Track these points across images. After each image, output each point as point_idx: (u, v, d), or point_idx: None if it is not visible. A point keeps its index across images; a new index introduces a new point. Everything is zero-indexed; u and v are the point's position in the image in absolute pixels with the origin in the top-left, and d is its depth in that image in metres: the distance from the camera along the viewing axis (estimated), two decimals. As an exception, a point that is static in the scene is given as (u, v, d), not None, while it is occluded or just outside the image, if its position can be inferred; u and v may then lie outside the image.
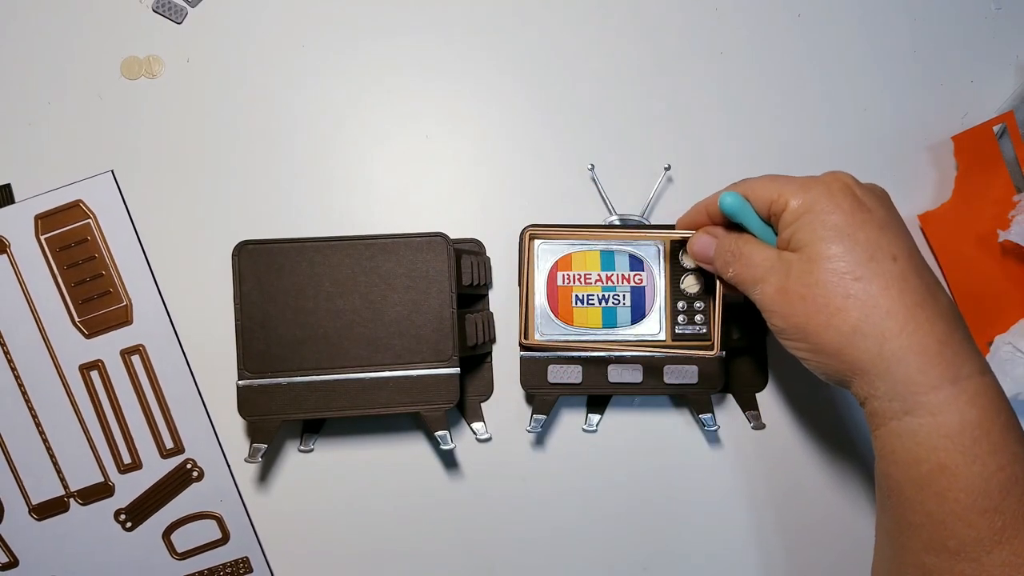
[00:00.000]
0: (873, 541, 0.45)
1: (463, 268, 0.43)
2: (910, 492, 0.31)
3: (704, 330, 0.43)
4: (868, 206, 0.33)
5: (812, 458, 0.45)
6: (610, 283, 0.43)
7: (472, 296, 0.45)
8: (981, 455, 0.29)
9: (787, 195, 0.34)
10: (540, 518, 0.45)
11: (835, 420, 0.46)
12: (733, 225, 0.37)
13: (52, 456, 0.44)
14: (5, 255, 0.44)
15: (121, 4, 0.47)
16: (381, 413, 0.41)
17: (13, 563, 0.44)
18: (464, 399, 0.45)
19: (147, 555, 0.44)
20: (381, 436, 0.45)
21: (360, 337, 0.41)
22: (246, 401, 0.41)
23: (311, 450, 0.45)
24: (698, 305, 0.43)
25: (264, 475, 0.45)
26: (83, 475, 0.44)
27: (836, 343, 0.32)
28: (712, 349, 0.40)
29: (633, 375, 0.42)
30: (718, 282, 0.39)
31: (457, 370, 0.41)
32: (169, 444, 0.44)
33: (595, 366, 0.42)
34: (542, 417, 0.43)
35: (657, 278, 0.43)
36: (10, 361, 0.44)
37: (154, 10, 0.47)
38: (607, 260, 0.43)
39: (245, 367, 0.41)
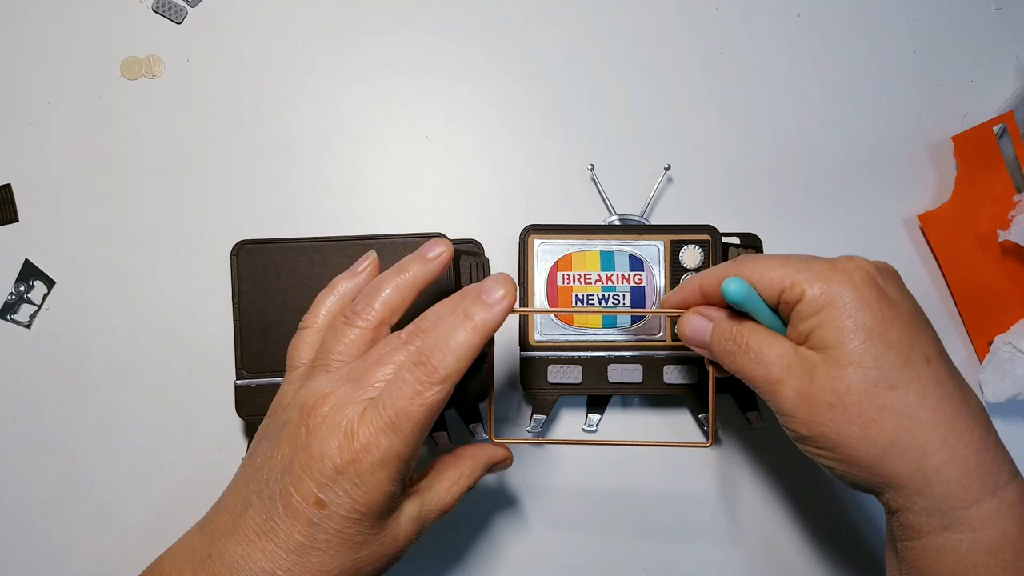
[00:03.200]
0: (872, 542, 0.45)
1: (462, 269, 0.42)
2: None
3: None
4: (893, 299, 0.30)
5: (812, 459, 0.45)
6: (610, 283, 0.43)
7: (471, 296, 0.45)
8: (1022, 569, 0.28)
9: (802, 283, 0.30)
10: (539, 518, 0.45)
11: (835, 421, 0.46)
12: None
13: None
14: None
15: (121, 4, 0.47)
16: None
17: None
18: (463, 400, 0.45)
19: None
20: (380, 436, 0.45)
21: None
22: (244, 401, 0.41)
23: (310, 450, 0.45)
24: (698, 305, 0.43)
25: (263, 475, 0.45)
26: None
27: (871, 457, 0.29)
28: (707, 440, 0.38)
29: (633, 375, 0.42)
30: (711, 369, 0.36)
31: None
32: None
33: (595, 366, 0.42)
34: (542, 417, 0.43)
35: (657, 278, 0.43)
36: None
37: (154, 10, 0.47)
38: (607, 260, 0.43)
39: (243, 367, 0.41)
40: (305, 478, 0.30)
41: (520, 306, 0.43)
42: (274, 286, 0.41)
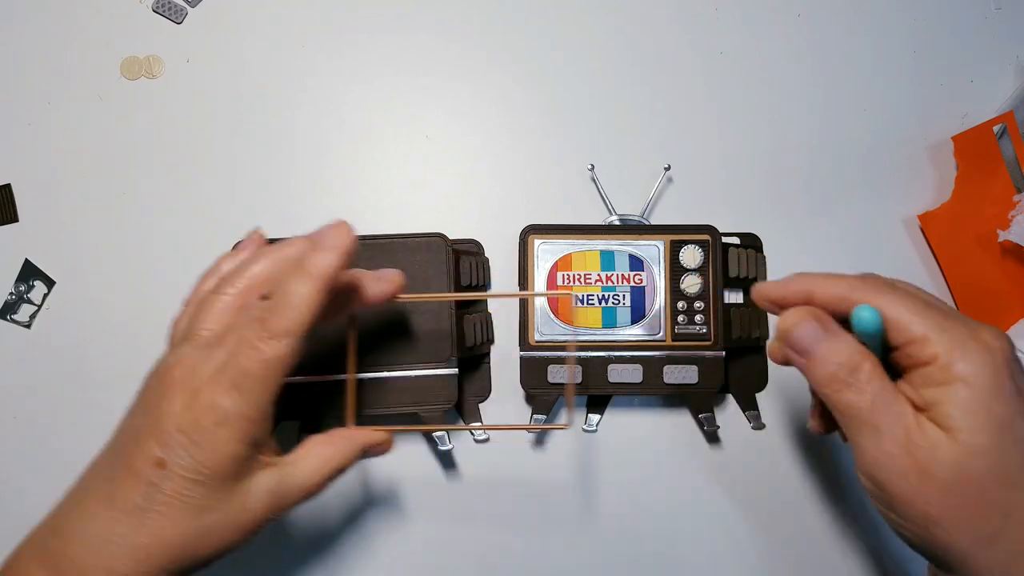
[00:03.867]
0: (874, 542, 0.45)
1: (462, 269, 0.42)
2: None
3: (704, 330, 0.43)
4: (1021, 387, 0.29)
5: (812, 459, 0.45)
6: (610, 283, 0.43)
7: (471, 296, 0.45)
8: None
9: (936, 345, 0.28)
10: (539, 518, 0.45)
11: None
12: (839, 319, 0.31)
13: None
14: None
15: (121, 4, 0.47)
16: (379, 414, 0.41)
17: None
18: (462, 400, 0.45)
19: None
20: (380, 436, 0.45)
21: (358, 338, 0.41)
22: (245, 401, 0.41)
23: (310, 450, 0.45)
24: (698, 305, 0.43)
25: (263, 475, 0.45)
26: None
27: (964, 546, 0.28)
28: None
29: (633, 375, 0.42)
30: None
31: (455, 371, 0.41)
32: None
33: (595, 366, 0.42)
34: (542, 417, 0.43)
35: (657, 278, 0.43)
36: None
37: (154, 10, 0.47)
38: (607, 260, 0.43)
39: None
40: (149, 439, 0.29)
41: (527, 309, 0.43)
42: (274, 286, 0.41)
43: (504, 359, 0.45)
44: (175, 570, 0.30)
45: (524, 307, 0.43)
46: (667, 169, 0.46)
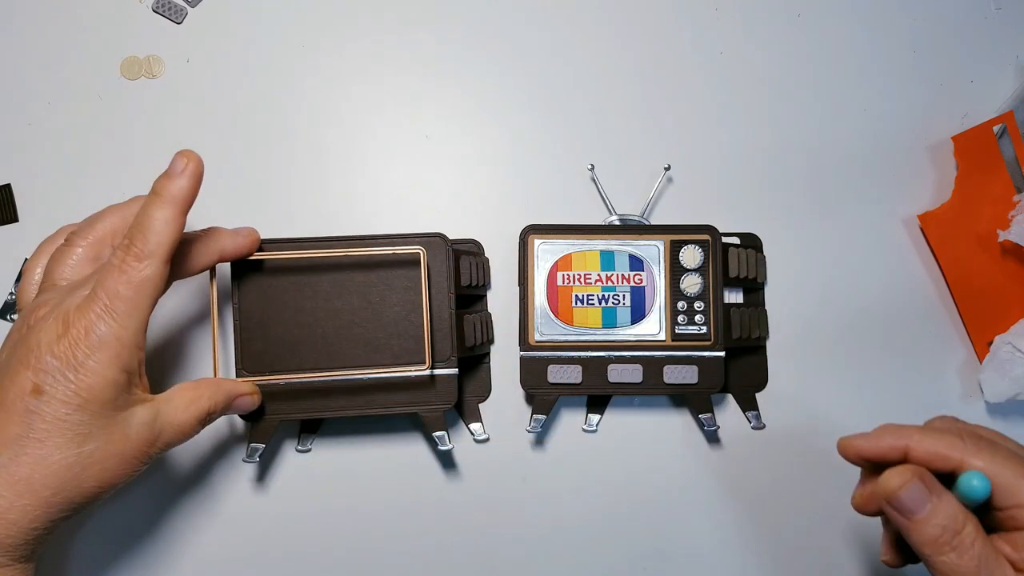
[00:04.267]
0: (874, 541, 0.45)
1: (462, 269, 0.42)
2: None
3: (704, 330, 0.43)
4: None
5: (812, 459, 0.45)
6: (610, 283, 0.43)
7: (470, 297, 0.45)
8: None
9: None
10: (540, 518, 0.45)
11: (835, 420, 0.46)
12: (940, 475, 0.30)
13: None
14: None
15: (121, 4, 0.47)
16: (379, 414, 0.41)
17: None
18: (462, 400, 0.45)
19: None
20: (379, 437, 0.45)
21: (358, 337, 0.41)
22: (244, 401, 0.41)
23: (309, 450, 0.45)
24: (698, 305, 0.43)
25: (261, 475, 0.45)
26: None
27: None
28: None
29: (633, 375, 0.42)
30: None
31: (455, 371, 0.41)
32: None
33: (595, 366, 0.42)
34: (542, 417, 0.43)
35: (657, 278, 0.43)
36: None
37: (154, 10, 0.47)
38: (607, 260, 0.43)
39: (243, 367, 0.41)
40: (21, 369, 0.30)
41: (527, 309, 0.43)
42: (274, 286, 0.41)
43: (504, 359, 0.45)
44: (59, 503, 0.30)
45: (524, 307, 0.43)
46: (667, 169, 0.46)
